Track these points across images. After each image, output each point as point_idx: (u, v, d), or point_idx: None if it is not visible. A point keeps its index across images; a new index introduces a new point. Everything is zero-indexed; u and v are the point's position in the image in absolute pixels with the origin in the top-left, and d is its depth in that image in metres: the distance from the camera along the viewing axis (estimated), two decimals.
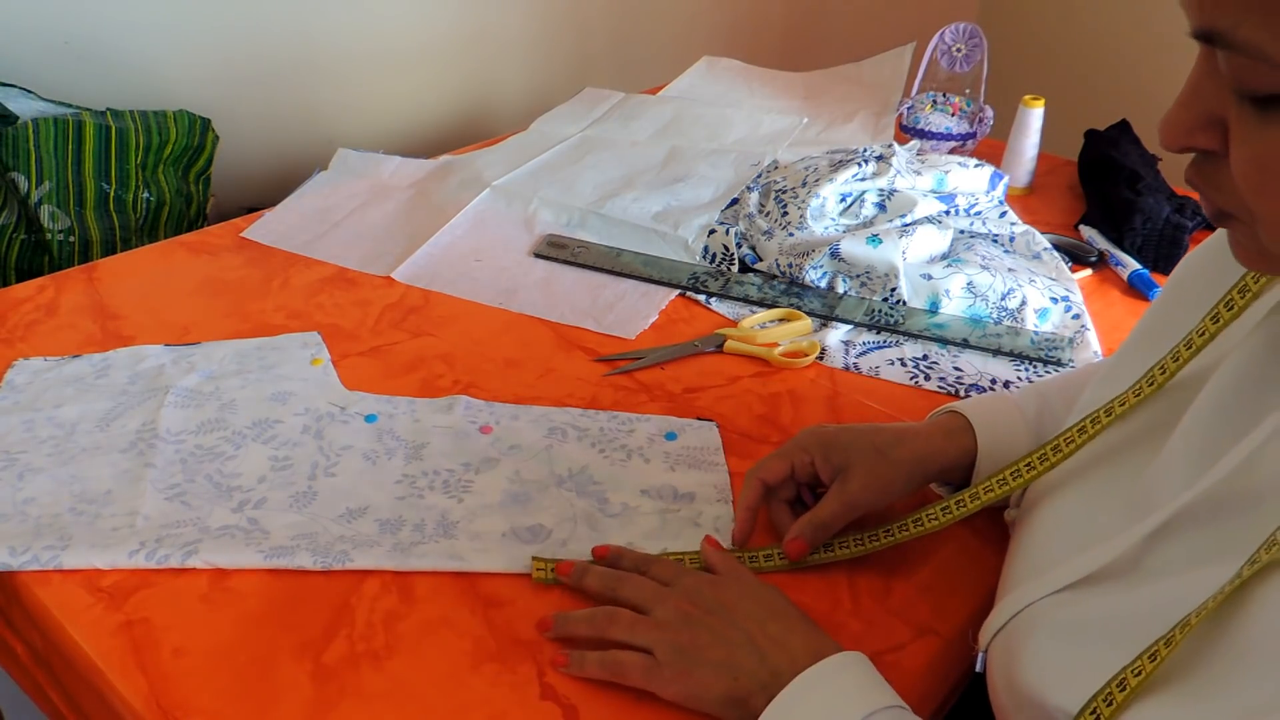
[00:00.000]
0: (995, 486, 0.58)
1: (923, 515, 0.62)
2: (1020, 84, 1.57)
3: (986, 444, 0.65)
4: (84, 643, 0.57)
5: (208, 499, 0.68)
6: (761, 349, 0.87)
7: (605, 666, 0.55)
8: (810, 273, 0.97)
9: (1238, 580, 0.40)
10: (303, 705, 0.54)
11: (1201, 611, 0.40)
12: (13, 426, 0.74)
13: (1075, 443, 0.54)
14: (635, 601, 0.58)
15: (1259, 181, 0.37)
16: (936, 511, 0.61)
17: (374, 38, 1.51)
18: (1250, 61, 0.35)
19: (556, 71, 1.79)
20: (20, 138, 1.07)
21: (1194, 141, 0.40)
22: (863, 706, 0.49)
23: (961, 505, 0.60)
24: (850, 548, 0.64)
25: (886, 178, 1.02)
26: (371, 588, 0.62)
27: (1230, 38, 0.36)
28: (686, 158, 1.24)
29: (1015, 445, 0.65)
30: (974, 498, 0.59)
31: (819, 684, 0.51)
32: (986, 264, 0.96)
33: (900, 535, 0.63)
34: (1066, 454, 0.54)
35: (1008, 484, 0.57)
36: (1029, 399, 0.68)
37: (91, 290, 0.94)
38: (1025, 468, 0.56)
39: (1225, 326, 0.49)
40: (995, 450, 0.65)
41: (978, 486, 0.59)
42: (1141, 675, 0.41)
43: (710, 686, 0.53)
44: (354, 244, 1.05)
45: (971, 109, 1.31)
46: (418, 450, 0.74)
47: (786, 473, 0.64)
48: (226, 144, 1.27)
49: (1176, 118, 0.40)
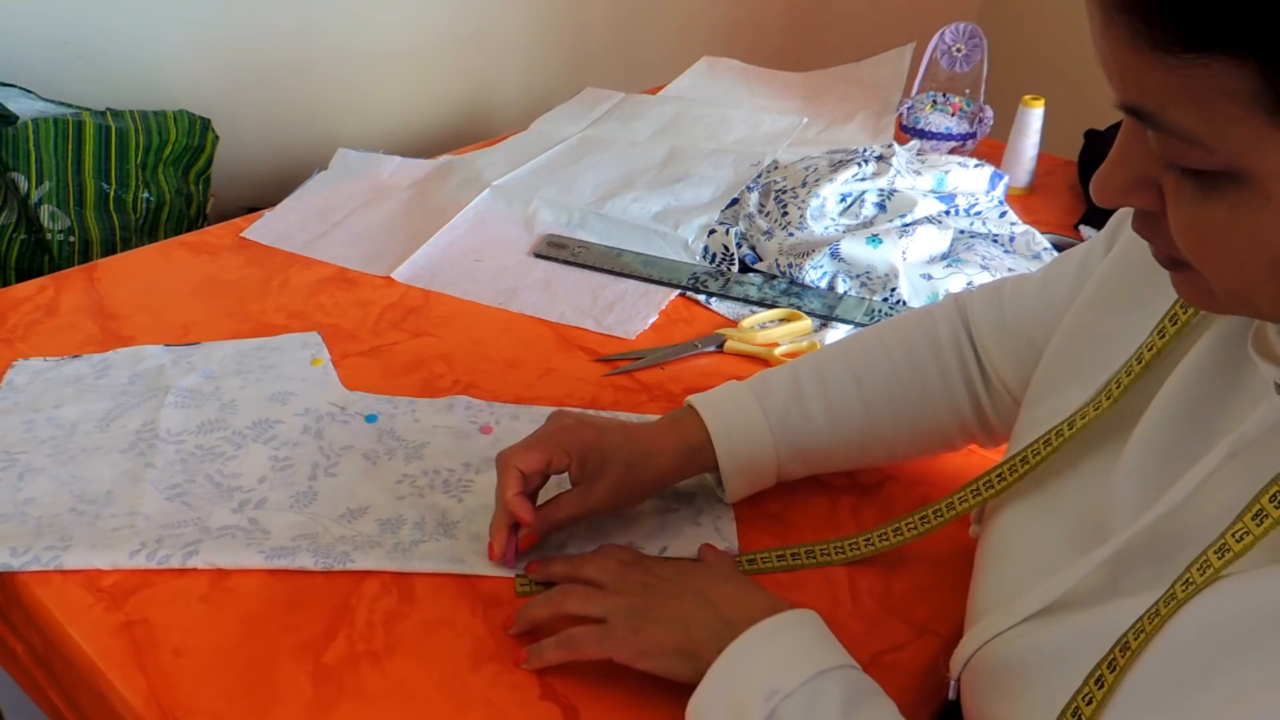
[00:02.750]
0: (969, 497, 0.58)
1: (901, 524, 0.62)
2: (1020, 84, 1.57)
3: (725, 455, 0.65)
4: (84, 643, 0.58)
5: (208, 499, 0.68)
6: (761, 349, 0.87)
7: (561, 646, 0.55)
8: (810, 273, 0.97)
9: (1173, 602, 0.40)
10: (303, 705, 0.54)
11: (1140, 634, 0.40)
12: (13, 427, 0.74)
13: (1041, 454, 0.54)
14: (596, 578, 0.58)
15: (1199, 249, 0.36)
16: (915, 520, 0.62)
17: (374, 38, 1.51)
18: (1181, 143, 0.34)
19: (556, 72, 1.79)
20: (20, 138, 1.07)
21: (1130, 202, 0.39)
22: (819, 661, 0.49)
23: (940, 515, 0.60)
24: (789, 561, 0.65)
25: (886, 178, 1.02)
26: (371, 588, 0.62)
27: (1159, 119, 0.34)
28: (686, 158, 1.24)
29: (757, 449, 0.66)
30: (949, 507, 0.60)
31: (775, 635, 0.51)
32: (986, 264, 0.96)
33: (866, 549, 0.64)
34: (1034, 465, 0.54)
35: (980, 494, 0.57)
36: (779, 390, 0.67)
37: (91, 290, 0.94)
38: (996, 478, 0.56)
39: (1170, 342, 0.49)
40: (737, 459, 0.66)
41: (953, 497, 0.59)
42: (1093, 703, 0.41)
43: (661, 641, 0.53)
44: (354, 244, 1.05)
45: (971, 109, 1.31)
46: (418, 450, 0.74)
47: (542, 466, 0.62)
48: (226, 144, 1.27)
49: (1110, 177, 0.38)
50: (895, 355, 0.68)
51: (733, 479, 0.66)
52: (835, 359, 0.69)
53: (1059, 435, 0.53)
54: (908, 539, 0.62)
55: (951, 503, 0.60)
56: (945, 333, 0.67)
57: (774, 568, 0.64)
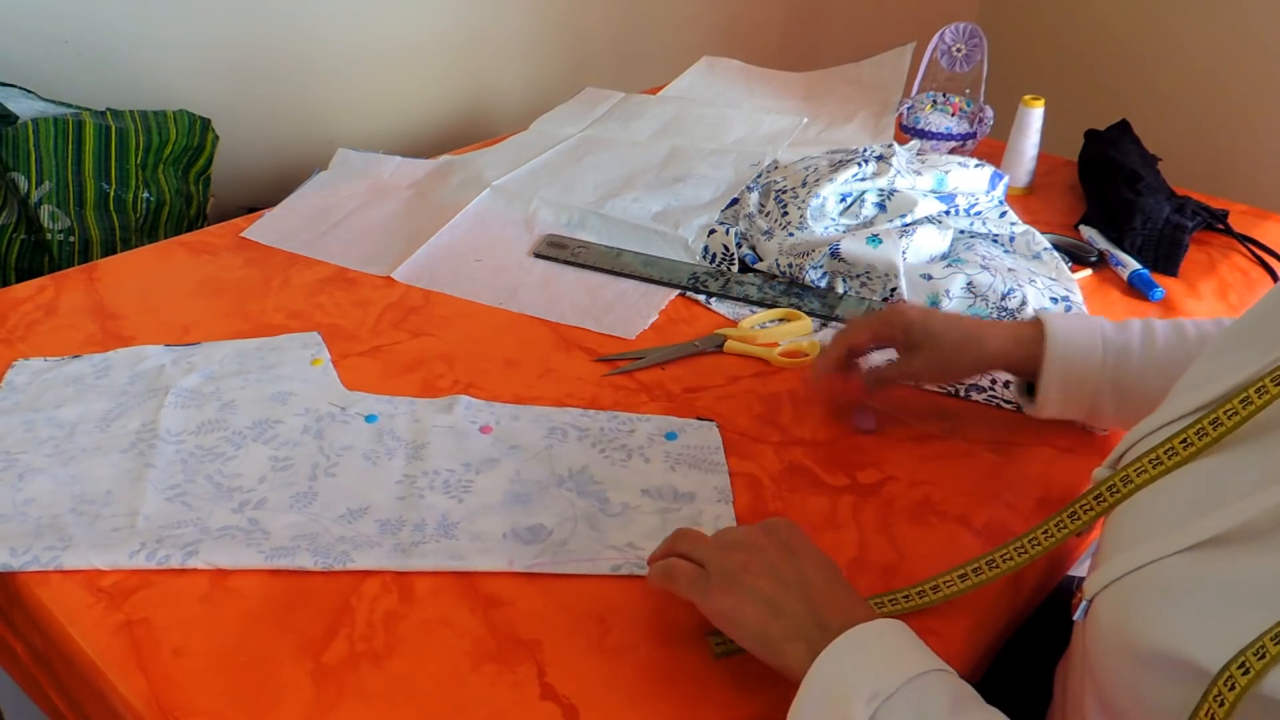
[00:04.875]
0: (1068, 521, 0.56)
1: (995, 555, 0.61)
2: (1020, 84, 1.57)
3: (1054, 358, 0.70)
4: (84, 643, 0.58)
5: (208, 499, 0.68)
6: (761, 349, 0.87)
7: (661, 573, 0.57)
8: (810, 273, 0.97)
9: None
10: (303, 705, 0.54)
11: None
12: (13, 427, 0.74)
13: (1224, 425, 0.50)
14: (716, 534, 0.59)
15: None
16: (1011, 551, 0.60)
17: (374, 38, 1.51)
18: None
19: (556, 72, 1.79)
20: (20, 138, 1.07)
21: None
22: (920, 664, 0.49)
23: (1035, 544, 0.58)
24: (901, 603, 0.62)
25: (886, 178, 1.02)
26: (371, 588, 0.62)
27: None
28: (686, 158, 1.24)
29: (1086, 369, 0.69)
30: (1048, 534, 0.57)
31: (875, 638, 0.51)
32: (986, 264, 0.96)
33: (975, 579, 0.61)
34: (1138, 484, 0.52)
35: (1079, 518, 0.56)
36: (1120, 333, 0.70)
37: (91, 290, 0.94)
38: (1166, 454, 0.52)
39: None
40: (1063, 365, 0.69)
41: (1049, 523, 0.57)
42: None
43: (749, 614, 0.53)
44: (354, 244, 1.05)
45: (971, 109, 1.31)
46: (418, 450, 0.74)
47: (868, 340, 0.74)
48: (226, 144, 1.27)
49: None
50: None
51: (1050, 386, 0.69)
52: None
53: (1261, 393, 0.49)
54: (1004, 570, 0.60)
55: (1050, 530, 0.57)
56: None
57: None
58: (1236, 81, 2.23)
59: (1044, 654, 0.57)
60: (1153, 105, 2.33)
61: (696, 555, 0.56)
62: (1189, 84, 2.30)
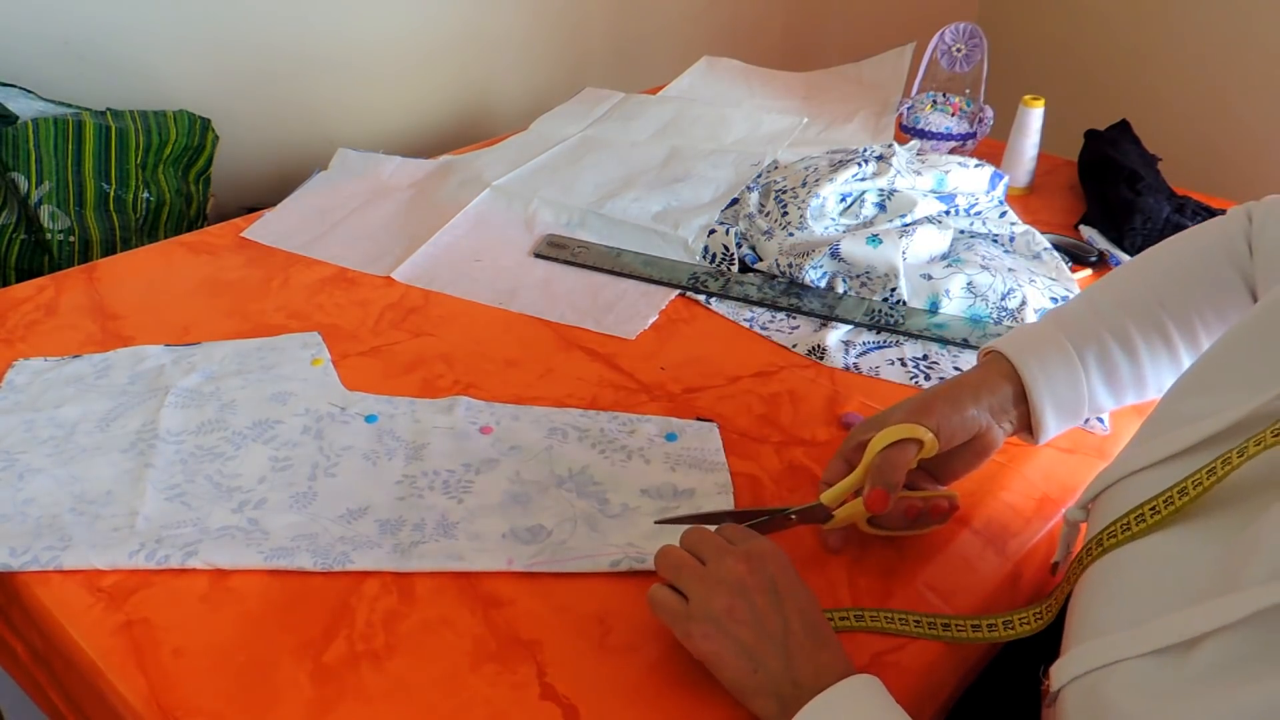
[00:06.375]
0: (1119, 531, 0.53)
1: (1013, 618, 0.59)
2: (1020, 84, 1.57)
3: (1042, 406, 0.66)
4: (84, 643, 0.58)
5: (208, 499, 0.68)
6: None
7: (650, 598, 0.57)
8: (810, 273, 0.97)
9: None
10: (303, 705, 0.54)
11: None
12: (13, 427, 0.74)
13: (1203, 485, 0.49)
14: (698, 551, 0.58)
15: None
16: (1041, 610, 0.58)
17: (374, 38, 1.51)
18: None
19: (556, 71, 1.79)
20: (20, 138, 1.07)
21: None
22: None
23: (1051, 611, 0.57)
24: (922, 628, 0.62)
25: (886, 178, 1.02)
26: (371, 588, 0.62)
27: None
28: (686, 158, 1.24)
29: (1075, 404, 0.67)
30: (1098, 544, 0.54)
31: (846, 699, 0.51)
32: (986, 264, 0.96)
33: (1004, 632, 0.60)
34: (1194, 496, 0.49)
35: (1042, 618, 0.56)
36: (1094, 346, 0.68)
37: (91, 290, 0.94)
38: (1150, 512, 0.50)
39: None
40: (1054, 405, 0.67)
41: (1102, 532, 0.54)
42: None
43: (729, 664, 0.53)
44: (354, 244, 1.05)
45: (971, 109, 1.31)
46: (418, 451, 0.74)
47: (904, 478, 0.64)
48: (226, 144, 1.27)
49: None
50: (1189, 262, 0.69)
51: (1047, 430, 0.67)
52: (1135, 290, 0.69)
53: (1196, 484, 0.48)
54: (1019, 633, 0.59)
55: (1100, 539, 0.54)
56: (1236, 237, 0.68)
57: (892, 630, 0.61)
58: (1236, 81, 2.23)
59: (1039, 656, 0.57)
60: (1153, 105, 2.33)
61: (680, 586, 0.56)
62: (1189, 84, 2.30)
